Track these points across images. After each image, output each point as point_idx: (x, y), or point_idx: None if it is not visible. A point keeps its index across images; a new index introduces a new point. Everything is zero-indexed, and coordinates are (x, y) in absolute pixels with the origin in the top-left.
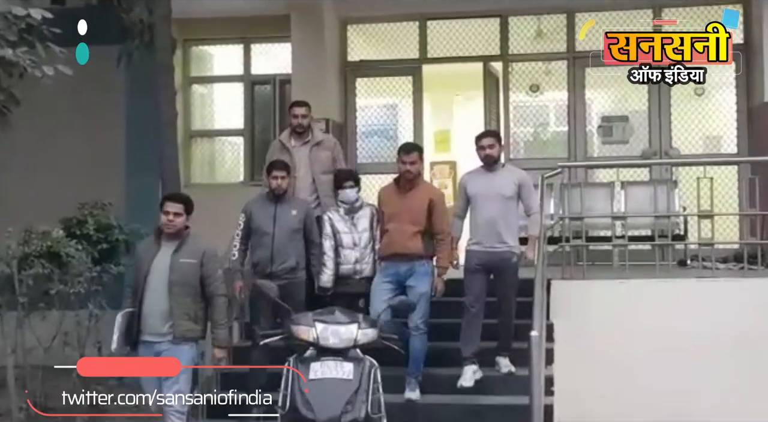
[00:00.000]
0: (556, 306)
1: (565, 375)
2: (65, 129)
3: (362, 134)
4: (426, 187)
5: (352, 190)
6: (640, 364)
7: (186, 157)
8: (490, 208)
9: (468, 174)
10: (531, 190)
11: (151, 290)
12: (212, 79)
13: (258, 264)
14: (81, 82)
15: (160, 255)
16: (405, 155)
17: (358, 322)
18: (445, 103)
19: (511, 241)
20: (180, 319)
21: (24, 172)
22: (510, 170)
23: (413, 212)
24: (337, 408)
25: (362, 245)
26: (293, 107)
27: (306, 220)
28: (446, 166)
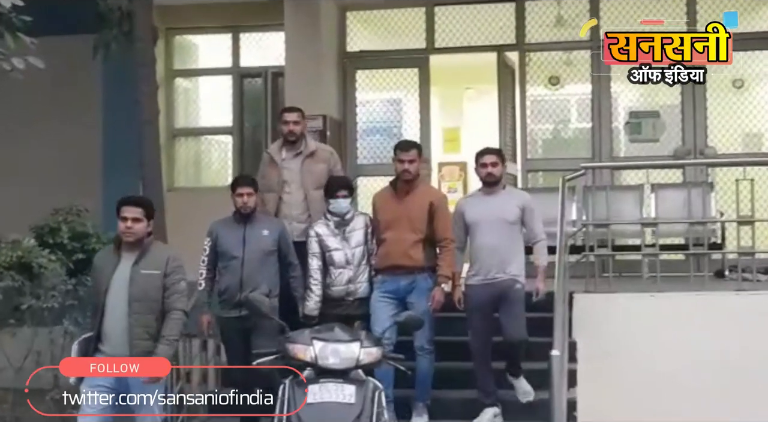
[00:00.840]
0: (579, 323)
1: (590, 398)
2: (36, 127)
3: (363, 132)
4: (426, 190)
5: (345, 201)
6: (672, 386)
7: (169, 158)
8: (491, 235)
9: (465, 199)
10: (535, 214)
11: (112, 307)
12: (197, 71)
13: (225, 292)
14: (54, 76)
15: (120, 268)
16: (402, 153)
17: (360, 340)
18: (455, 98)
19: (514, 270)
20: (139, 339)
21: None
22: (511, 192)
23: (413, 218)
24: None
25: (356, 262)
26: (284, 113)
27: (281, 241)
28: (456, 167)
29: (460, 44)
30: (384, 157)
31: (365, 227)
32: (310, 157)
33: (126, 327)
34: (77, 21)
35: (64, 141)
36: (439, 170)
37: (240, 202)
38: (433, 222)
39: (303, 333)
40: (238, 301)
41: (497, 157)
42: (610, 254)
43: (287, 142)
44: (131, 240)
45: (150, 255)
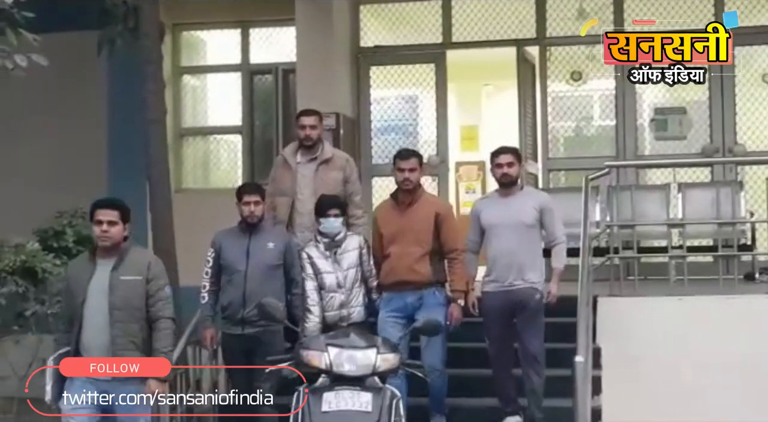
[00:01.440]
0: (604, 328)
1: (615, 406)
2: (40, 127)
3: (377, 130)
4: (430, 200)
5: (336, 220)
6: (700, 393)
7: (176, 159)
8: (508, 239)
9: (481, 201)
10: (554, 215)
11: (90, 319)
12: (206, 68)
13: (228, 308)
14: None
15: (97, 276)
16: (402, 161)
17: (376, 347)
18: (473, 95)
19: (533, 277)
20: (125, 351)
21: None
22: (529, 193)
23: (417, 230)
24: None
25: (348, 286)
26: (301, 116)
27: (286, 254)
28: (474, 167)
29: (478, 38)
30: None
31: (359, 248)
32: (326, 163)
33: (108, 338)
34: (81, 17)
35: (69, 141)
36: (456, 170)
37: (247, 211)
38: (441, 234)
39: (318, 339)
40: (240, 318)
41: (513, 156)
42: (636, 256)
43: (303, 146)
44: (107, 244)
45: (129, 260)
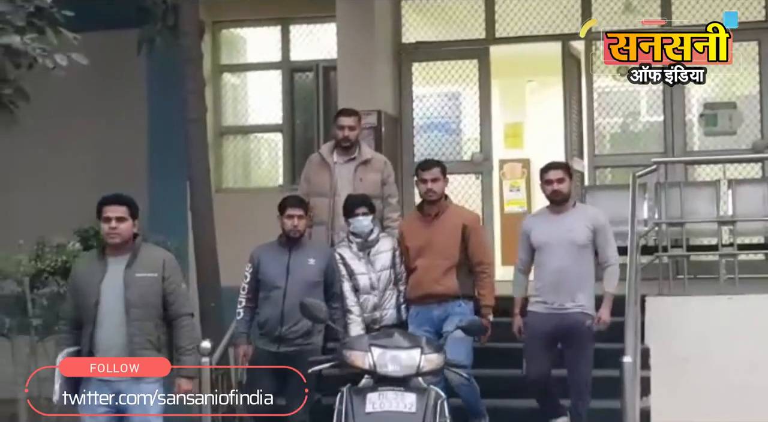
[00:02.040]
0: (652, 328)
1: (664, 408)
2: (79, 127)
3: (420, 128)
4: (456, 211)
5: (366, 219)
6: (752, 396)
7: (217, 158)
8: (559, 259)
9: (531, 218)
10: (608, 234)
11: (106, 319)
12: (246, 67)
13: (265, 325)
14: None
15: (109, 275)
16: (424, 172)
17: (421, 347)
18: (517, 91)
19: (584, 300)
20: (143, 349)
21: (34, 176)
22: (582, 211)
23: (444, 243)
24: None
25: (381, 287)
26: (339, 116)
27: (327, 271)
28: (518, 165)
29: (522, 33)
30: (442, 155)
31: (392, 249)
32: (365, 164)
33: (126, 338)
34: (120, 15)
35: (108, 141)
36: (500, 168)
37: (290, 225)
38: (468, 246)
39: (361, 339)
40: (278, 336)
41: (564, 172)
42: (685, 254)
43: (340, 147)
44: (117, 241)
45: (142, 257)
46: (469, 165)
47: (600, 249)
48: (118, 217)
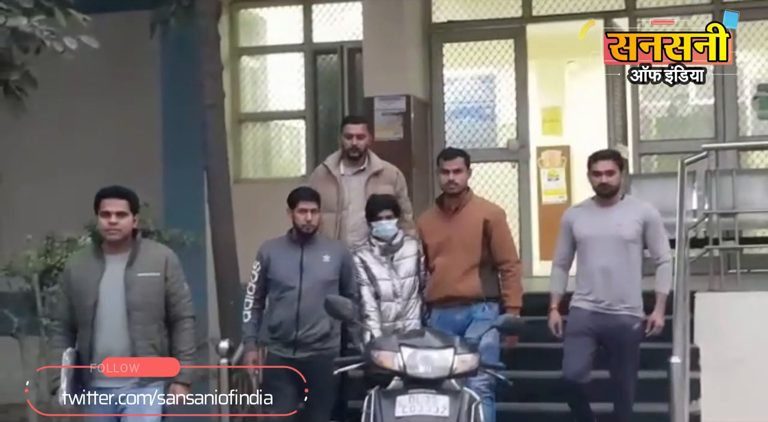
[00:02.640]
0: (703, 326)
1: (715, 412)
2: (90, 114)
3: (451, 113)
4: (478, 204)
5: (390, 222)
6: None
7: (235, 147)
8: (606, 256)
9: (574, 209)
10: (660, 229)
11: (105, 321)
12: (266, 49)
13: (278, 329)
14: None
15: (108, 274)
16: (446, 162)
17: (454, 347)
18: (556, 73)
19: (633, 301)
20: (145, 354)
21: (43, 167)
22: (631, 204)
23: (464, 239)
24: None
25: (405, 295)
26: (346, 124)
27: (343, 269)
28: (557, 152)
29: (561, 11)
30: (476, 142)
31: (417, 254)
32: (376, 175)
33: (128, 342)
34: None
35: (121, 128)
36: (538, 155)
37: (303, 220)
38: (491, 243)
39: (390, 339)
40: (293, 340)
41: (614, 163)
42: (738, 247)
43: (347, 157)
44: (117, 238)
45: (144, 254)
46: (505, 152)
47: (651, 246)
48: (119, 212)
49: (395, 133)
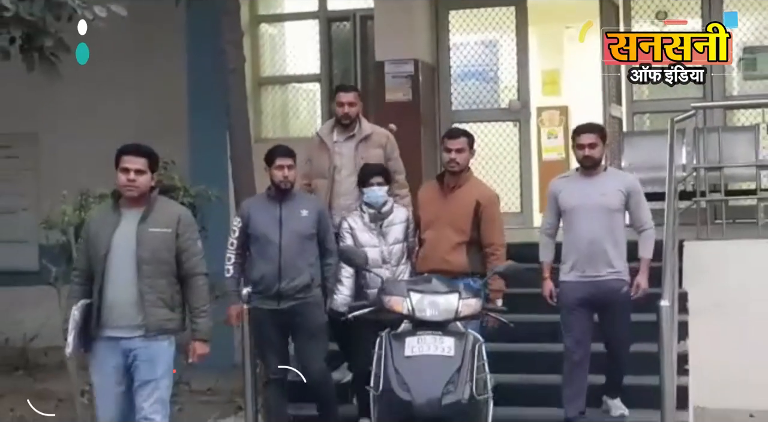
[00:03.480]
0: (690, 272)
1: (702, 352)
2: (121, 77)
3: (457, 76)
4: (474, 185)
5: (381, 189)
6: None
7: (256, 108)
8: (591, 225)
9: (560, 179)
10: (641, 198)
11: (115, 272)
12: (283, 17)
13: (260, 282)
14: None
15: (122, 227)
16: (450, 140)
17: (458, 292)
18: (555, 38)
19: (619, 266)
20: (154, 307)
21: (76, 127)
22: (614, 175)
23: (456, 217)
24: (438, 389)
25: (393, 261)
26: (338, 92)
27: (320, 222)
28: (556, 112)
29: None
30: (479, 102)
31: (406, 222)
32: (365, 140)
33: (136, 294)
34: None
35: (149, 91)
36: (538, 115)
37: (280, 176)
38: (480, 224)
39: (399, 284)
40: (276, 292)
41: (597, 136)
42: (723, 199)
43: (340, 124)
44: (134, 195)
45: (158, 211)
46: (507, 113)
47: (634, 214)
48: (137, 170)
49: (404, 94)
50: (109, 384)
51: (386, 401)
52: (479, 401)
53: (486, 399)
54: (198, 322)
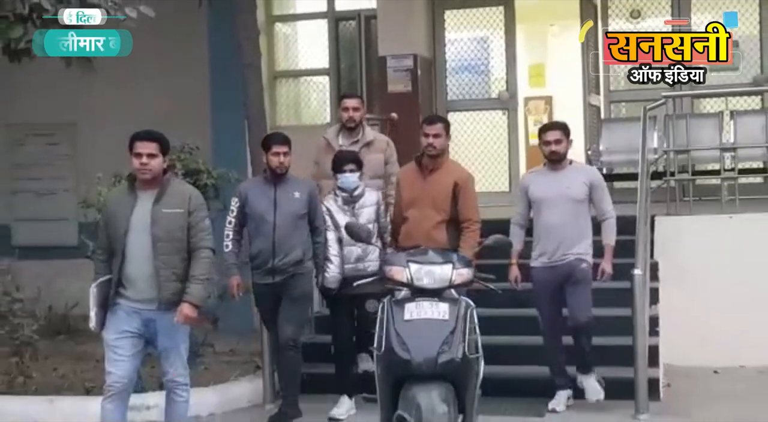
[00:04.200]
0: (661, 244)
1: (671, 315)
2: (150, 72)
3: (452, 70)
4: (452, 168)
5: (353, 175)
6: (751, 304)
7: (271, 99)
8: (558, 214)
9: (530, 174)
10: (604, 190)
11: (134, 250)
12: (295, 17)
13: (257, 257)
14: (165, 24)
15: (138, 208)
16: (428, 126)
17: (452, 262)
18: (540, 35)
19: (582, 249)
20: (168, 281)
21: (110, 117)
22: (579, 169)
23: (436, 197)
24: (434, 349)
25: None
26: (344, 99)
27: (311, 203)
28: (541, 102)
29: None
30: (472, 94)
31: (376, 204)
32: (368, 146)
33: (152, 269)
34: None
35: (175, 85)
36: (525, 104)
37: (276, 162)
38: (458, 203)
39: (399, 256)
40: (271, 267)
41: (561, 132)
42: (690, 179)
43: (345, 129)
44: (147, 177)
45: (170, 193)
46: (497, 102)
47: (597, 204)
48: (150, 154)
49: (405, 86)
50: (125, 344)
51: (387, 360)
52: (471, 359)
53: (477, 357)
54: (192, 287)
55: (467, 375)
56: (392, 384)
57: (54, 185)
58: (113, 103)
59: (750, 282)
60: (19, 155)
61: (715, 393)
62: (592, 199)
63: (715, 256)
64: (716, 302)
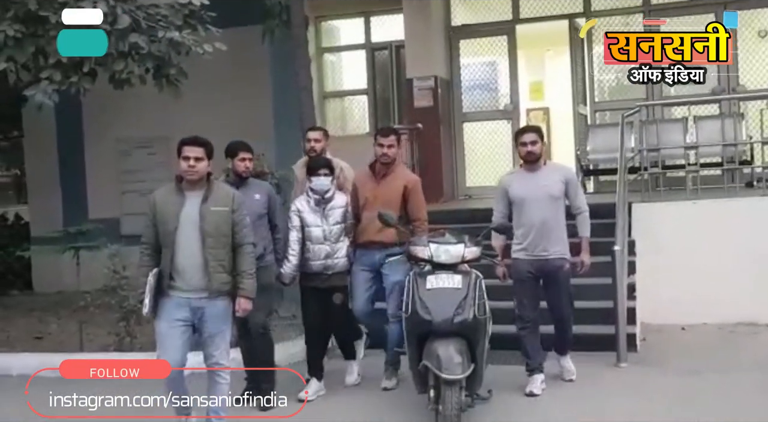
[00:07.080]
0: (637, 226)
1: (646, 283)
2: (222, 96)
3: (466, 88)
4: (401, 173)
5: (326, 179)
6: (711, 272)
7: (322, 115)
8: (539, 211)
9: (508, 175)
10: (578, 187)
11: (184, 244)
12: (339, 48)
13: None
14: (234, 57)
15: (187, 206)
16: (382, 138)
17: (464, 243)
18: (538, 58)
19: (561, 247)
20: (216, 272)
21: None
22: (554, 168)
23: (388, 199)
24: (450, 311)
25: (333, 239)
26: (309, 131)
27: (270, 204)
28: (540, 112)
29: (540, 14)
30: (483, 107)
31: (345, 206)
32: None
33: (202, 262)
34: (247, 15)
35: (245, 105)
36: (526, 114)
37: (242, 167)
38: (408, 205)
39: (422, 239)
40: None
41: (536, 135)
42: (661, 172)
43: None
44: (194, 178)
45: (216, 193)
46: (503, 113)
47: (572, 200)
48: (196, 157)
49: (427, 102)
50: (176, 333)
51: (413, 320)
52: (480, 320)
53: (486, 318)
54: (245, 282)
55: (478, 332)
56: (417, 340)
57: (153, 186)
58: (198, 120)
59: (710, 255)
60: (126, 163)
61: (682, 346)
62: (567, 194)
63: (682, 234)
64: (683, 271)
